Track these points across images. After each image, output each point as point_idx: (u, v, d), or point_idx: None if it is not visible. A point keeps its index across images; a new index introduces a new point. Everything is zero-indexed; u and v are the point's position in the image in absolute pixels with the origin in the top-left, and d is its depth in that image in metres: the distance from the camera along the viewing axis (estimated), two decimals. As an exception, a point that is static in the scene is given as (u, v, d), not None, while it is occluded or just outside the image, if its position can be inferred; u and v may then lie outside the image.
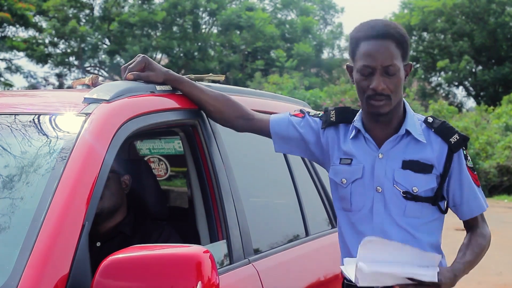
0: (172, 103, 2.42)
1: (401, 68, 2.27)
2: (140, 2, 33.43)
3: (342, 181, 2.37)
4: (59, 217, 1.78)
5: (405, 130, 2.31)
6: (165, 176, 3.73)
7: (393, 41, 2.25)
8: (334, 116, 2.43)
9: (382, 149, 2.32)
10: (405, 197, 2.29)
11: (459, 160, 2.32)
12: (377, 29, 2.27)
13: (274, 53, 32.95)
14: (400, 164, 2.30)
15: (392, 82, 2.25)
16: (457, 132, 2.32)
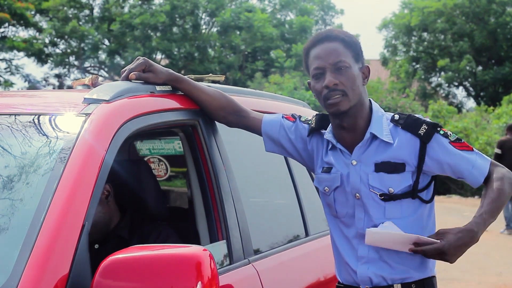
0: (172, 104, 2.42)
1: (353, 66, 2.31)
2: (140, 3, 33.43)
3: (325, 189, 2.42)
4: (59, 217, 1.78)
5: (370, 133, 2.33)
6: (165, 177, 3.74)
7: (339, 42, 2.32)
8: (314, 123, 2.47)
9: (354, 156, 2.35)
10: (383, 199, 2.31)
11: (439, 144, 2.31)
12: (322, 34, 2.37)
13: (273, 53, 32.95)
14: (373, 167, 2.32)
15: (344, 77, 2.29)
16: (424, 121, 2.32)
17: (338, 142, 2.38)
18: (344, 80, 2.29)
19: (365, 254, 2.35)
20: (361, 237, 2.35)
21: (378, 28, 33.65)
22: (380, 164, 2.31)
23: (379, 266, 2.34)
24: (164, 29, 32.43)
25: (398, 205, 2.31)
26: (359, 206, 2.35)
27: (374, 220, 2.32)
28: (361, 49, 2.38)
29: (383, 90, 23.18)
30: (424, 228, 2.36)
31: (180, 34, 32.83)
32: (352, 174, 2.34)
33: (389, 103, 20.98)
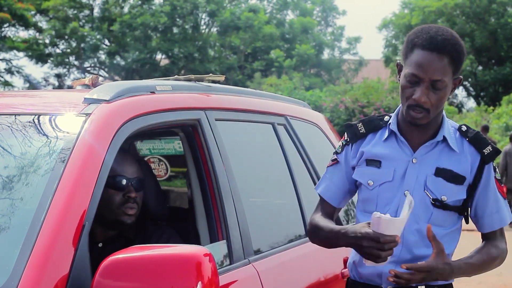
0: (172, 103, 2.42)
1: (449, 83, 2.22)
2: (140, 3, 33.43)
3: (368, 183, 2.33)
4: (59, 217, 1.78)
5: (443, 136, 2.28)
6: (165, 177, 3.73)
7: (447, 56, 2.20)
8: (363, 128, 2.39)
9: (417, 154, 2.29)
10: (434, 204, 2.26)
11: (488, 171, 2.29)
12: (435, 42, 2.22)
13: (273, 53, 32.95)
14: (434, 170, 2.27)
15: (436, 97, 2.21)
16: (490, 144, 2.29)
17: (402, 135, 2.32)
18: (434, 100, 2.21)
19: (396, 253, 2.26)
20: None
21: (378, 28, 33.66)
22: (442, 169, 2.27)
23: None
24: (165, 30, 32.43)
25: (445, 215, 2.28)
26: None
27: (419, 222, 2.27)
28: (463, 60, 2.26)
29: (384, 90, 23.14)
30: (456, 242, 2.35)
31: (180, 35, 32.83)
32: (409, 171, 2.29)
33: (389, 103, 20.94)
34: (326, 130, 3.62)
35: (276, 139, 3.08)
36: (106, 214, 2.57)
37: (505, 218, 2.34)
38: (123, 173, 2.57)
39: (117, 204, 2.55)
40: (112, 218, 2.58)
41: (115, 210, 2.56)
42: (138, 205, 2.61)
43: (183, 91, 2.57)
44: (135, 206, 2.59)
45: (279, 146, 3.08)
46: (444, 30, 2.28)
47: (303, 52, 31.88)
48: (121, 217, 2.57)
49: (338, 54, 36.16)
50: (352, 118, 20.93)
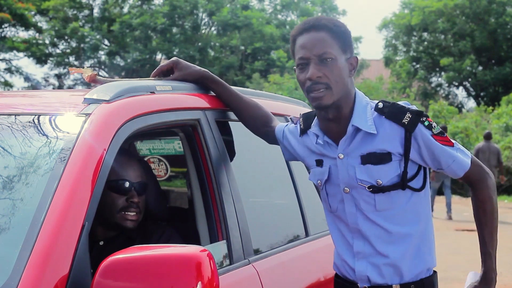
0: (172, 104, 2.42)
1: (339, 58, 2.25)
2: (140, 3, 33.42)
3: (318, 183, 2.41)
4: (59, 217, 1.78)
5: (352, 126, 2.28)
6: (165, 177, 3.73)
7: (326, 31, 2.26)
8: (302, 123, 2.45)
9: (340, 149, 2.31)
10: (372, 191, 2.27)
11: (422, 135, 2.26)
12: (309, 22, 2.30)
13: (274, 53, 32.95)
14: (359, 160, 2.28)
15: (329, 70, 2.23)
16: (409, 110, 2.26)
17: (325, 135, 2.35)
18: (328, 72, 2.23)
19: (360, 249, 2.34)
20: (355, 232, 2.33)
21: (378, 28, 33.64)
22: (365, 156, 2.27)
23: (377, 261, 2.31)
24: (164, 30, 32.42)
25: (388, 196, 2.28)
26: (349, 200, 2.32)
27: (366, 214, 2.30)
28: (349, 39, 2.31)
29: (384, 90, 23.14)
30: (421, 218, 2.33)
31: (180, 36, 32.81)
32: (340, 167, 2.31)
33: (389, 103, 20.89)
34: (326, 130, 3.62)
35: (276, 139, 3.08)
36: (108, 218, 2.57)
37: (463, 163, 2.33)
38: (126, 177, 2.57)
39: (120, 208, 2.56)
40: (114, 221, 2.58)
41: (117, 214, 2.56)
42: (141, 210, 2.61)
43: (183, 91, 2.57)
44: (137, 211, 2.59)
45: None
46: (319, 17, 2.36)
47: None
48: (123, 221, 2.57)
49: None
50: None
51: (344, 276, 2.42)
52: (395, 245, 2.30)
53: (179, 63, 2.60)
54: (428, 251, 2.35)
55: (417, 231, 2.32)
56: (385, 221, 2.30)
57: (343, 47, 2.27)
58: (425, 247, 2.34)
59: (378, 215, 2.30)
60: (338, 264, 2.45)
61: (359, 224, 2.32)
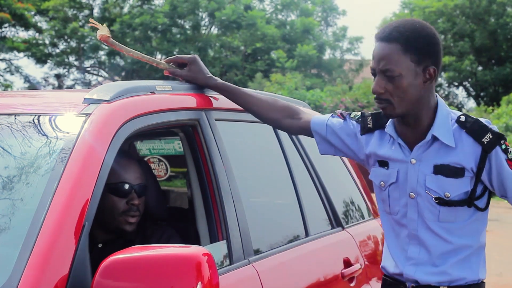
0: (172, 104, 2.42)
1: (408, 73, 2.19)
2: (140, 3, 33.42)
3: (381, 184, 2.37)
4: (59, 217, 1.78)
5: (432, 135, 2.25)
6: (165, 177, 3.74)
7: (398, 43, 2.19)
8: (371, 122, 2.41)
9: (413, 154, 2.28)
10: (438, 202, 2.25)
11: (496, 158, 2.22)
12: (384, 31, 2.24)
13: (274, 53, 32.94)
14: (432, 169, 2.25)
15: (393, 87, 2.20)
16: (490, 130, 2.22)
17: (399, 137, 2.31)
18: (391, 88, 2.21)
19: (415, 256, 2.31)
20: (412, 238, 2.31)
21: (378, 28, 33.63)
22: (439, 166, 2.24)
23: (428, 270, 2.29)
24: (164, 30, 32.42)
25: (452, 210, 2.25)
26: (412, 206, 2.29)
27: (428, 223, 2.27)
28: (428, 48, 2.21)
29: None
30: (479, 233, 2.31)
31: (181, 36, 32.81)
32: (410, 172, 2.28)
33: (389, 103, 20.92)
34: (326, 130, 3.62)
35: (276, 139, 3.08)
36: (108, 221, 2.57)
37: None
38: (126, 180, 2.57)
39: (120, 211, 2.56)
40: (114, 225, 2.58)
41: (117, 217, 2.56)
42: (140, 212, 2.62)
43: (183, 91, 2.57)
44: (137, 213, 2.60)
45: (279, 146, 3.09)
46: (402, 21, 2.27)
47: (304, 53, 31.88)
48: (122, 225, 2.57)
49: (340, 54, 36.16)
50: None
51: (392, 277, 2.40)
52: (449, 255, 2.28)
53: (195, 63, 2.59)
54: (479, 263, 2.33)
55: (473, 245, 2.30)
56: (445, 232, 2.27)
57: (417, 59, 2.20)
58: (477, 260, 2.31)
59: (439, 226, 2.27)
60: (386, 266, 2.42)
61: (419, 231, 2.29)
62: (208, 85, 2.62)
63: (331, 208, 3.27)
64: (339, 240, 3.21)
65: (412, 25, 2.23)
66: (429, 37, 2.22)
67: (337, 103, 21.67)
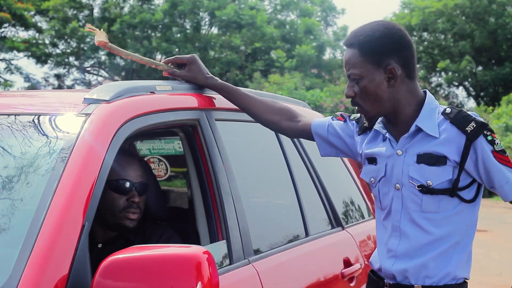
0: (172, 103, 2.42)
1: (369, 75, 2.26)
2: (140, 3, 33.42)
3: (371, 181, 2.40)
4: (59, 217, 1.78)
5: (416, 126, 2.28)
6: (165, 177, 3.74)
7: (356, 48, 2.28)
8: (367, 122, 2.45)
9: (399, 145, 2.31)
10: (421, 190, 2.26)
11: (482, 149, 2.22)
12: (347, 37, 2.34)
13: (274, 53, 32.95)
14: (415, 158, 2.28)
15: (359, 89, 2.28)
16: (474, 119, 2.24)
17: (387, 132, 2.35)
18: (358, 91, 2.29)
19: (394, 248, 2.32)
20: (394, 230, 2.32)
21: (378, 28, 33.57)
22: (422, 155, 2.26)
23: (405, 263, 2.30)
24: (164, 29, 32.41)
25: (435, 199, 2.26)
26: (397, 197, 2.31)
27: (411, 213, 2.29)
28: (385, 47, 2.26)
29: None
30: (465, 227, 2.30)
31: (181, 34, 32.80)
32: (396, 164, 2.31)
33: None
34: (326, 130, 3.62)
35: (276, 139, 3.08)
36: (109, 218, 2.58)
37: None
38: (127, 177, 2.58)
39: (120, 208, 2.56)
40: (114, 221, 2.59)
41: (118, 214, 2.56)
42: (141, 209, 2.62)
43: (183, 91, 2.57)
44: (137, 211, 2.60)
45: (279, 146, 3.09)
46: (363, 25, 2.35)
47: (303, 53, 31.90)
48: (123, 221, 2.58)
49: (340, 54, 36.16)
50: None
51: (375, 272, 2.42)
52: (428, 248, 2.28)
53: (194, 63, 2.62)
54: (461, 261, 2.30)
55: (456, 239, 2.29)
56: (427, 223, 2.28)
57: (374, 61, 2.26)
58: (459, 257, 2.30)
59: (421, 216, 2.28)
60: (372, 261, 2.44)
61: (401, 222, 2.31)
62: (208, 85, 2.63)
63: (331, 208, 3.27)
64: (339, 240, 3.21)
65: (370, 28, 2.30)
66: (384, 37, 2.27)
67: (337, 103, 21.67)
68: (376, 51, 2.26)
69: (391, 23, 2.34)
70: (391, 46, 2.28)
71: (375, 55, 2.26)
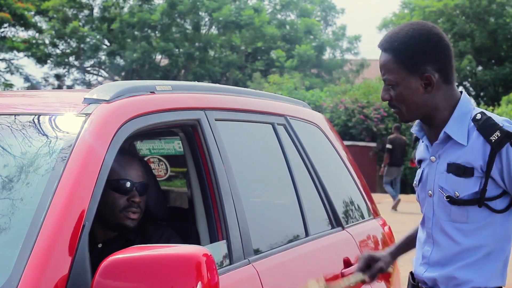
0: (172, 103, 2.42)
1: (404, 82, 2.20)
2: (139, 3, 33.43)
3: (414, 184, 2.40)
4: (59, 217, 1.78)
5: (444, 132, 2.23)
6: (165, 177, 3.73)
7: (390, 54, 2.23)
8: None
9: (432, 152, 2.28)
10: (449, 201, 2.22)
11: (507, 156, 2.16)
12: (381, 40, 2.28)
13: (274, 53, 32.96)
14: (445, 167, 2.23)
15: (394, 94, 2.24)
16: (500, 128, 2.16)
17: (424, 136, 2.33)
18: (394, 95, 2.24)
19: (427, 255, 2.30)
20: (429, 237, 2.30)
21: (378, 28, 33.65)
22: (451, 164, 2.22)
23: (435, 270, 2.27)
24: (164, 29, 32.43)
25: (463, 210, 2.21)
26: (429, 204, 2.29)
27: (441, 222, 2.25)
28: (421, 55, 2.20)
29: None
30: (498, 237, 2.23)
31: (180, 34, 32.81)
32: (430, 171, 2.29)
33: (389, 103, 20.91)
34: (326, 130, 3.62)
35: (276, 139, 3.08)
36: (109, 217, 2.58)
37: None
38: (128, 177, 2.58)
39: (121, 207, 2.56)
40: (114, 221, 2.59)
41: (118, 213, 2.56)
42: (141, 209, 2.62)
43: (183, 91, 2.57)
44: (138, 210, 2.60)
45: (279, 146, 3.08)
46: (397, 29, 2.28)
47: (303, 53, 31.90)
48: (123, 221, 2.58)
49: (339, 54, 36.18)
50: (352, 119, 20.97)
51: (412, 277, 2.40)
52: (458, 258, 2.24)
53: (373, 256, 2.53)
54: (494, 270, 2.24)
55: (486, 250, 2.23)
56: (457, 233, 2.23)
57: (410, 68, 2.20)
58: (491, 267, 2.23)
59: (452, 226, 2.24)
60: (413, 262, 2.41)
61: (433, 230, 2.28)
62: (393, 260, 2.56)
63: (331, 208, 3.27)
64: (339, 240, 3.21)
65: (405, 34, 2.23)
66: (420, 44, 2.21)
67: (336, 103, 21.65)
68: (411, 59, 2.21)
69: (427, 26, 2.25)
70: (427, 52, 2.21)
71: (411, 63, 2.20)
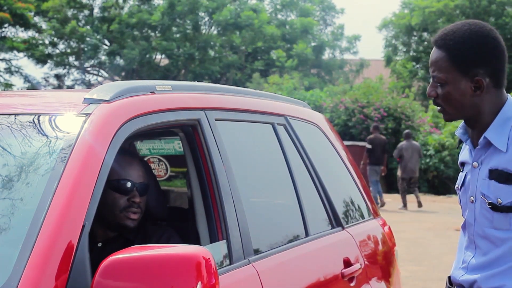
0: (172, 103, 2.42)
1: (455, 82, 2.17)
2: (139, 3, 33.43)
3: (456, 187, 2.37)
4: (59, 217, 1.78)
5: (484, 138, 2.20)
6: (165, 177, 3.73)
7: (445, 51, 2.18)
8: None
9: (475, 157, 2.25)
10: (491, 208, 2.19)
11: None
12: (437, 36, 2.23)
13: (274, 53, 32.96)
14: (487, 173, 2.20)
15: (442, 93, 2.19)
16: None
17: (468, 139, 2.29)
18: (441, 94, 2.19)
19: (467, 259, 2.28)
20: (471, 242, 2.28)
21: (378, 28, 33.67)
22: (493, 171, 2.18)
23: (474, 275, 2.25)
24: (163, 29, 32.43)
25: (507, 217, 2.17)
26: (471, 210, 2.26)
27: (483, 228, 2.22)
28: (476, 58, 2.16)
29: (384, 90, 23.16)
30: None
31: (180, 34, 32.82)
32: (472, 176, 2.25)
33: (389, 103, 20.96)
34: (326, 130, 3.62)
35: (276, 139, 3.08)
36: (109, 217, 2.58)
37: None
38: (128, 177, 2.58)
39: (121, 208, 2.56)
40: (115, 221, 2.59)
41: (119, 213, 2.56)
42: (142, 209, 2.62)
43: (183, 91, 2.57)
44: (138, 210, 2.60)
45: (279, 146, 3.08)
46: (454, 27, 2.23)
47: (301, 52, 31.90)
48: (124, 221, 2.58)
49: (339, 54, 36.19)
50: (352, 119, 20.98)
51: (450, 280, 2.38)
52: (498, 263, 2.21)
53: None
54: None
55: None
56: (499, 240, 2.21)
57: (462, 70, 2.17)
58: None
59: (493, 232, 2.21)
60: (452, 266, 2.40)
61: (475, 236, 2.26)
62: None
63: (331, 208, 3.27)
64: (339, 240, 3.21)
65: (462, 34, 2.19)
66: (476, 47, 2.17)
67: (336, 103, 21.65)
68: (464, 61, 2.17)
69: (486, 29, 2.20)
70: (481, 57, 2.17)
71: (463, 64, 2.17)
